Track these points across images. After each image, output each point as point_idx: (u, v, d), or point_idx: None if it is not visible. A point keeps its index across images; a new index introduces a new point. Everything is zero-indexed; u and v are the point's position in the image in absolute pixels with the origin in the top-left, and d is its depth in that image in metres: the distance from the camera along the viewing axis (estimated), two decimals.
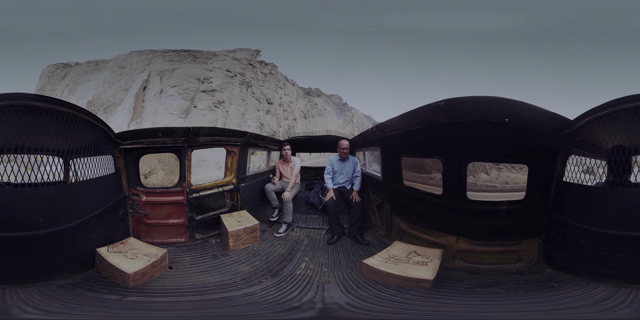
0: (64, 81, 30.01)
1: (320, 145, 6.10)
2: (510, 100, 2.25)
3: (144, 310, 2.16)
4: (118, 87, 25.81)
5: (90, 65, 30.07)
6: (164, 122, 21.44)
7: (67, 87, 28.69)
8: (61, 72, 31.55)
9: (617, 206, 2.12)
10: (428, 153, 3.34)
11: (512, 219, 2.70)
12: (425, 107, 2.54)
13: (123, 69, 27.27)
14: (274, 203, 4.63)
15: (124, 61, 28.06)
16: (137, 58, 27.99)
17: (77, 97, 26.59)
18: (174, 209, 3.62)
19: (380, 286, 2.50)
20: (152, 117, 23.26)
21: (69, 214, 2.43)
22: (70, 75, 29.89)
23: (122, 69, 27.29)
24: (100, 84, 27.08)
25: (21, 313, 1.81)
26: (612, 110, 2.13)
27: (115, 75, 27.10)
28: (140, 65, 27.27)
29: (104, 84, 26.92)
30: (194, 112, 23.46)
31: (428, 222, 3.09)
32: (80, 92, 27.11)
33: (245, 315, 2.15)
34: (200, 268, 3.03)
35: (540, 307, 2.04)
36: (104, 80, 26.99)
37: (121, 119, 23.41)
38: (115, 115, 23.78)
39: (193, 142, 3.60)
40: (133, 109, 23.81)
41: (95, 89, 26.86)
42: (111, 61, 29.33)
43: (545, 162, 2.55)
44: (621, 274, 2.06)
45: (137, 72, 26.75)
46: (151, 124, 19.98)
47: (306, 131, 34.68)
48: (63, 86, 29.12)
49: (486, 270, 2.72)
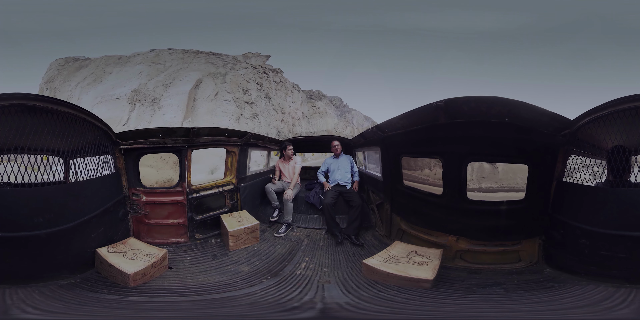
0: (80, 72, 30.65)
1: (320, 145, 6.11)
2: (510, 100, 2.25)
3: (144, 310, 2.16)
4: (157, 82, 27.10)
5: (112, 59, 30.69)
6: (223, 124, 23.34)
7: (92, 75, 29.54)
8: (73, 64, 32.19)
9: (617, 206, 2.12)
10: (428, 153, 3.34)
11: (512, 219, 2.70)
12: (425, 107, 2.54)
13: (157, 64, 28.12)
14: (274, 203, 4.63)
15: (156, 57, 29.16)
16: (169, 56, 29.10)
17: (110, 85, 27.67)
18: (174, 209, 3.62)
19: (380, 286, 2.50)
20: (209, 118, 24.90)
21: (69, 214, 2.43)
22: (89, 67, 30.62)
23: (157, 64, 28.18)
24: (136, 75, 27.96)
25: (21, 313, 1.80)
26: (612, 110, 2.13)
27: (152, 69, 28.20)
28: (175, 63, 28.44)
29: (140, 76, 27.85)
30: (240, 119, 26.12)
31: (428, 222, 3.09)
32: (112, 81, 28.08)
33: (245, 315, 2.15)
34: (200, 268, 3.03)
35: (540, 307, 2.04)
36: (140, 72, 28.04)
37: (170, 115, 24.81)
38: (162, 110, 25.24)
39: (193, 142, 3.60)
40: (186, 106, 25.15)
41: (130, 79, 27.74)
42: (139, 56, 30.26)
43: (545, 162, 2.55)
44: (621, 274, 2.06)
45: (174, 70, 28.08)
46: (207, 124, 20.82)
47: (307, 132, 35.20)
48: (81, 76, 29.96)
49: (486, 270, 2.72)
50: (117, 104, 26.17)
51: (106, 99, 26.65)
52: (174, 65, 28.39)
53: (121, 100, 26.25)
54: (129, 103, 26.09)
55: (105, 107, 25.66)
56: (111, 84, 27.66)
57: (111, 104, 26.22)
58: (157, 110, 25.50)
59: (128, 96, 26.41)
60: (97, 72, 29.31)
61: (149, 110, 25.68)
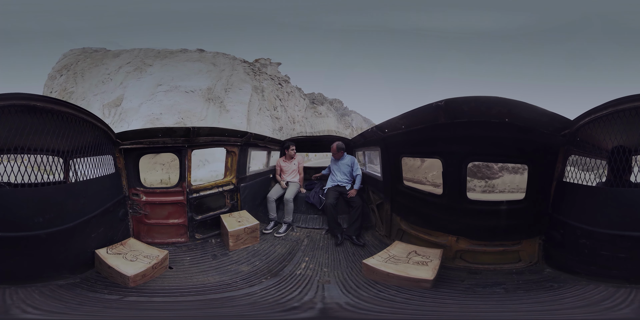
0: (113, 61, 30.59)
1: (321, 145, 6.11)
2: (510, 100, 2.25)
3: (144, 310, 2.16)
4: (221, 85, 28.23)
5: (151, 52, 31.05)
6: None
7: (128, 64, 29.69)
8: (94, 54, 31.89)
9: (617, 206, 2.12)
10: (428, 153, 3.34)
11: (512, 219, 2.70)
12: (425, 107, 2.54)
13: (215, 66, 29.06)
14: (272, 215, 4.48)
15: (214, 58, 30.16)
16: (223, 60, 30.31)
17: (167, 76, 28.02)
18: (174, 209, 3.62)
19: (380, 286, 2.50)
20: (258, 129, 26.55)
21: (69, 214, 2.43)
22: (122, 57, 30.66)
23: (215, 66, 29.15)
24: (195, 72, 28.55)
25: (21, 313, 1.80)
26: (612, 110, 2.13)
27: (214, 71, 29.05)
28: (227, 67, 29.84)
29: (200, 74, 28.48)
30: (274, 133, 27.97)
31: (428, 222, 3.09)
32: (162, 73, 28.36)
33: (245, 315, 2.15)
34: (200, 268, 3.03)
35: (540, 307, 2.04)
36: (200, 70, 28.70)
37: (237, 120, 26.43)
38: (229, 114, 26.69)
39: (193, 142, 3.60)
40: (247, 118, 27.29)
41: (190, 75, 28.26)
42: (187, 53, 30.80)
43: (545, 162, 2.55)
44: (621, 274, 2.06)
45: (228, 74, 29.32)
46: None
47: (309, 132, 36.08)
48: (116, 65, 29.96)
49: (486, 270, 2.72)
50: (190, 97, 26.40)
51: (171, 88, 26.63)
52: (227, 69, 29.46)
53: (195, 95, 26.50)
54: (204, 100, 26.41)
55: (180, 98, 25.88)
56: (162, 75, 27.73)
57: (183, 96, 26.40)
58: (224, 112, 26.49)
59: (203, 92, 26.78)
60: (134, 62, 29.51)
61: (218, 111, 26.39)
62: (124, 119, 24.66)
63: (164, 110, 24.75)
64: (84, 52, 32.35)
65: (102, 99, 26.87)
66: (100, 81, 28.20)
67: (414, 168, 15.26)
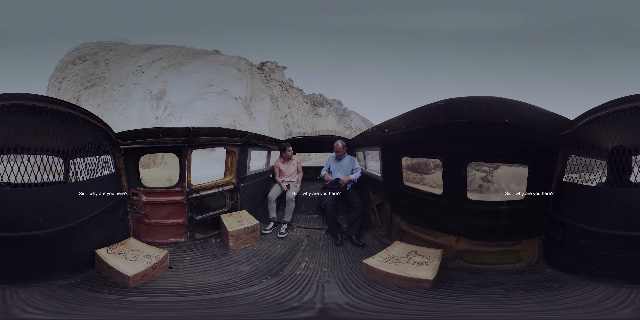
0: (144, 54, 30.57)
1: (320, 145, 6.11)
2: (510, 101, 2.25)
3: (144, 310, 2.17)
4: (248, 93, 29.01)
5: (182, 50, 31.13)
6: None
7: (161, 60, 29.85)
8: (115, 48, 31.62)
9: (617, 206, 2.12)
10: (428, 153, 3.34)
11: (512, 219, 2.70)
12: (425, 107, 2.54)
13: (241, 72, 29.72)
14: (272, 215, 4.49)
15: (237, 63, 30.63)
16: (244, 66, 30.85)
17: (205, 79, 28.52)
18: (174, 208, 3.62)
19: (380, 286, 2.50)
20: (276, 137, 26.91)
21: (69, 214, 2.43)
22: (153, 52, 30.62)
23: (240, 72, 29.78)
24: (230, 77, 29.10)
25: (22, 313, 1.81)
26: (612, 111, 2.13)
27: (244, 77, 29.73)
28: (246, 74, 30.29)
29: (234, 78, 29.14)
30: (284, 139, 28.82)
31: (428, 222, 3.09)
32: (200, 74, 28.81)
33: (245, 315, 2.15)
34: (200, 268, 3.03)
35: (540, 307, 2.04)
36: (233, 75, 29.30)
37: (262, 126, 27.29)
38: (256, 122, 27.71)
39: (193, 142, 3.60)
40: (268, 126, 28.10)
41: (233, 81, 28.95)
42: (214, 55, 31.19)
43: (545, 162, 2.55)
44: (621, 274, 2.06)
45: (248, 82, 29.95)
46: None
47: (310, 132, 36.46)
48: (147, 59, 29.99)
49: (486, 270, 2.72)
50: (236, 103, 27.02)
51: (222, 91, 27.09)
52: (248, 77, 30.09)
53: (239, 102, 27.24)
54: (244, 107, 27.16)
55: (232, 103, 26.53)
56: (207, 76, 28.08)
57: (233, 102, 26.95)
58: (252, 120, 27.35)
59: (243, 100, 27.56)
60: (167, 58, 29.68)
61: (247, 117, 27.02)
62: (172, 114, 25.17)
63: (220, 111, 25.52)
64: (100, 45, 32.11)
65: (142, 89, 26.98)
66: (131, 72, 28.34)
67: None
